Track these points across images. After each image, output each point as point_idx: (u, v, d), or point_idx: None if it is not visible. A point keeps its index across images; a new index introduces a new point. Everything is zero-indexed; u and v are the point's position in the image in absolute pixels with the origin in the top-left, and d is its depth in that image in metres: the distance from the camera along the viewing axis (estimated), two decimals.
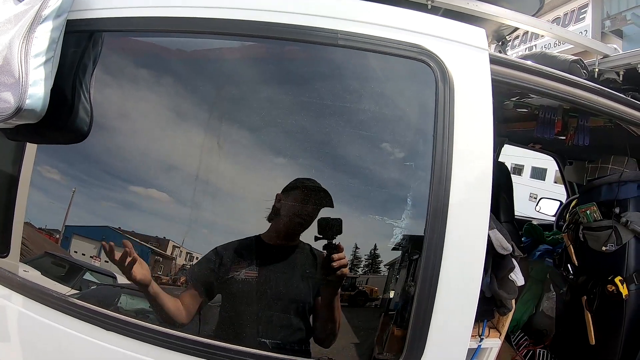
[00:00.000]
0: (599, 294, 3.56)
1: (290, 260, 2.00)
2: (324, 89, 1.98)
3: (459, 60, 1.91)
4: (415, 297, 1.81)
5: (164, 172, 2.04)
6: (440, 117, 1.85)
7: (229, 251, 1.94)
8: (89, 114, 1.80)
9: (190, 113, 2.05)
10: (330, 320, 1.93)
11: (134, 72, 2.11)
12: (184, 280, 1.99)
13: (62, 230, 2.00)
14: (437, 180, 1.82)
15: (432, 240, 1.80)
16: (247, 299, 1.93)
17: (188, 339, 1.83)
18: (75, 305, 1.90)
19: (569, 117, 3.40)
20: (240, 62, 2.07)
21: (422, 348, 1.81)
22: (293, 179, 1.89)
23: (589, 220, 3.69)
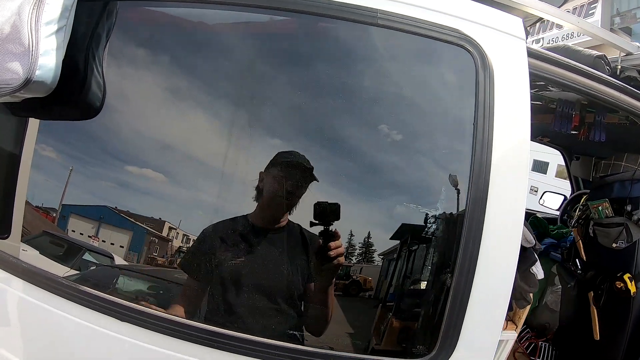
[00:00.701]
0: (606, 290, 3.55)
1: (278, 243, 1.90)
2: (358, 70, 1.92)
3: (498, 47, 1.85)
4: (451, 288, 1.74)
5: (164, 152, 1.96)
6: (481, 104, 1.78)
7: (215, 233, 1.84)
8: (101, 89, 1.66)
9: (211, 90, 1.95)
10: (322, 309, 1.85)
11: (149, 46, 1.99)
12: (163, 262, 1.94)
13: (59, 209, 1.93)
14: (477, 169, 1.76)
15: (471, 230, 1.73)
16: (234, 282, 1.83)
17: (177, 322, 1.74)
18: (74, 289, 1.81)
19: (587, 112, 3.35)
20: (271, 39, 1.99)
21: (455, 340, 1.74)
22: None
23: (600, 217, 3.66)
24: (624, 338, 3.43)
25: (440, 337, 1.74)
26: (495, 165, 1.76)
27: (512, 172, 1.80)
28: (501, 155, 1.77)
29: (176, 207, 1.93)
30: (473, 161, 1.76)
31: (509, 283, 1.79)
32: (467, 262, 1.73)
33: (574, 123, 3.30)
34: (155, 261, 1.95)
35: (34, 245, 2.00)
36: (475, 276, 1.73)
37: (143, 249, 1.96)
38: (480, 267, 1.74)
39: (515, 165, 1.81)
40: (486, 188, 1.75)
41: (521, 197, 1.81)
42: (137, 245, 1.94)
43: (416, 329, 1.88)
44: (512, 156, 1.81)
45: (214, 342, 1.70)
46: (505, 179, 1.78)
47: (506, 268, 1.79)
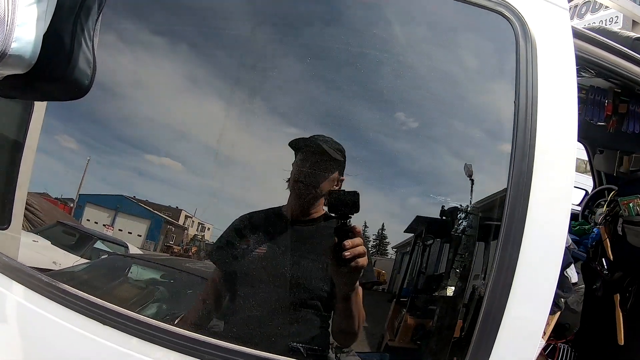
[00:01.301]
0: (634, 293, 3.42)
1: (307, 237, 1.68)
2: (386, 36, 1.74)
3: (539, 16, 1.66)
4: (488, 289, 1.51)
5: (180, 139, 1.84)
6: (523, 77, 1.59)
7: (247, 223, 1.66)
8: (91, 65, 1.44)
9: (215, 70, 1.83)
10: (347, 319, 1.56)
11: (149, 21, 1.84)
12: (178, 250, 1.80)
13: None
14: (519, 155, 1.53)
15: (512, 221, 1.51)
16: (253, 277, 1.66)
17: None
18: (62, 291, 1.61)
19: (620, 102, 3.12)
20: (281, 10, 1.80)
21: (489, 352, 1.50)
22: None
23: (631, 214, 3.49)
24: None
25: (471, 350, 1.51)
26: (539, 150, 1.54)
27: (558, 157, 1.59)
28: (547, 137, 1.56)
29: (192, 196, 1.81)
30: (515, 145, 1.54)
31: (552, 287, 1.56)
32: (506, 266, 1.50)
33: (606, 112, 3.10)
34: (171, 250, 1.84)
35: (46, 235, 1.92)
36: (514, 282, 1.50)
37: (160, 238, 1.88)
38: (519, 271, 1.50)
39: (562, 150, 1.61)
40: (529, 177, 1.52)
41: (568, 187, 1.61)
42: (154, 234, 1.88)
43: (441, 345, 1.69)
44: (559, 139, 1.60)
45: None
46: (550, 166, 1.56)
47: (550, 269, 1.57)
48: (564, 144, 1.61)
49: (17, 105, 1.85)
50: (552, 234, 1.56)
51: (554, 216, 1.57)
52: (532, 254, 1.51)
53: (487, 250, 1.63)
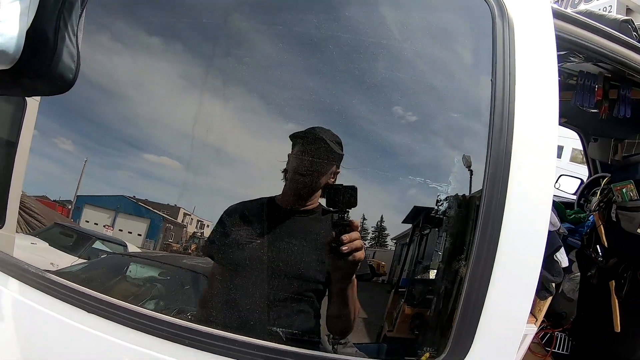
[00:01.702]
0: (629, 279, 3.40)
1: (304, 226, 1.66)
2: (358, 19, 1.69)
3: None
4: (466, 278, 1.48)
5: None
6: (500, 58, 1.55)
7: (237, 213, 1.64)
8: (75, 60, 1.45)
9: (211, 67, 1.80)
10: (342, 310, 1.59)
11: (133, 16, 1.85)
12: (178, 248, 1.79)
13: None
14: (497, 134, 1.50)
15: (490, 206, 1.47)
16: (246, 268, 1.61)
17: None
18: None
19: (610, 87, 3.10)
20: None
21: (470, 340, 1.47)
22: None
23: (624, 199, 3.44)
24: None
25: (452, 337, 1.48)
26: (518, 130, 1.51)
27: (538, 138, 1.55)
28: (526, 117, 1.53)
29: (191, 194, 1.81)
30: (492, 125, 1.51)
31: (536, 271, 1.52)
32: (486, 247, 1.47)
33: (596, 97, 3.06)
34: (171, 247, 1.83)
35: (44, 237, 1.92)
36: (495, 264, 1.47)
37: (159, 236, 1.86)
38: (500, 253, 1.47)
39: (542, 130, 1.56)
40: (508, 156, 1.49)
41: (550, 167, 1.55)
42: (154, 233, 1.85)
43: (425, 328, 1.66)
44: (539, 120, 1.56)
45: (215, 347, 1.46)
46: (530, 146, 1.53)
47: (532, 253, 1.53)
48: (545, 124, 1.56)
49: (9, 104, 1.87)
50: (534, 215, 1.53)
51: (535, 198, 1.53)
52: (512, 237, 1.48)
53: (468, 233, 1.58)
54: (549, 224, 2.09)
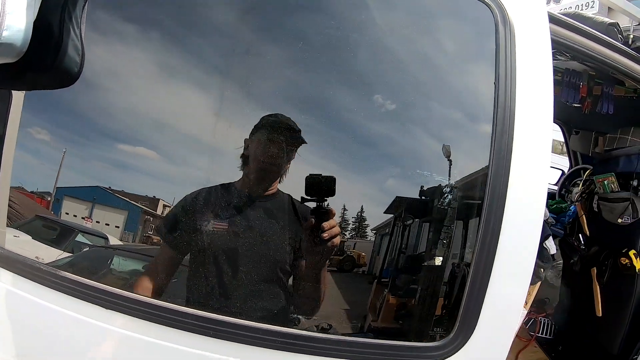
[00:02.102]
0: (610, 266, 3.44)
1: (266, 211, 1.70)
2: (367, 23, 1.74)
3: (518, 2, 1.71)
4: (472, 264, 1.58)
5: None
6: (502, 60, 1.63)
7: (198, 199, 1.67)
8: (79, 53, 1.42)
9: (188, 57, 1.81)
10: (314, 290, 1.68)
11: (120, 7, 1.81)
12: (158, 240, 1.80)
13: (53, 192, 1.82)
14: (499, 132, 1.59)
15: (494, 197, 1.57)
16: (215, 253, 1.65)
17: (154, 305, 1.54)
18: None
19: (594, 84, 3.19)
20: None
21: (475, 321, 1.57)
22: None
23: (605, 191, 3.56)
24: (627, 315, 3.33)
25: (460, 317, 1.58)
26: (518, 130, 1.60)
27: (535, 135, 1.65)
28: (524, 113, 1.62)
29: (169, 184, 1.81)
30: (495, 125, 1.60)
31: (532, 258, 1.64)
32: (489, 236, 1.56)
33: (581, 93, 3.17)
34: (151, 240, 1.85)
35: (26, 230, 1.92)
36: (497, 256, 1.57)
37: (138, 228, 1.88)
38: (502, 241, 1.57)
39: (539, 128, 1.66)
40: (509, 153, 1.59)
41: (545, 162, 1.66)
42: (132, 225, 1.85)
43: (434, 309, 1.74)
44: (537, 119, 1.66)
45: (194, 327, 1.50)
46: (528, 143, 1.62)
47: (529, 241, 1.63)
48: (541, 123, 1.65)
49: None
50: (531, 208, 1.62)
51: (533, 191, 1.62)
52: (513, 228, 1.57)
53: (467, 227, 1.69)
54: None
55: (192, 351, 1.48)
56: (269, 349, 1.50)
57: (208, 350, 1.48)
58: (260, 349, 1.49)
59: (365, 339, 1.65)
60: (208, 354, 1.48)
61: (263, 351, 1.50)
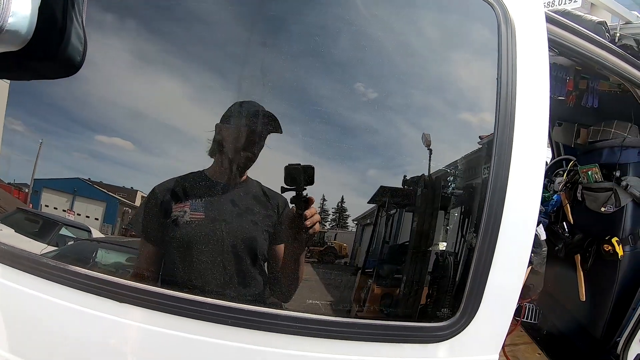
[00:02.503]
0: (594, 253, 3.55)
1: (237, 198, 1.73)
2: (373, 21, 1.79)
3: (518, 3, 1.78)
4: (475, 250, 1.66)
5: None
6: (504, 57, 1.71)
7: (168, 190, 1.69)
8: (82, 41, 1.40)
9: (167, 45, 1.80)
10: (292, 275, 1.72)
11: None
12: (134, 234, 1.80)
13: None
14: (502, 126, 1.68)
15: (496, 188, 1.66)
16: (190, 241, 1.67)
17: (137, 289, 1.59)
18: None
19: (581, 78, 3.30)
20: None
21: (478, 301, 1.67)
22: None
23: (589, 181, 3.66)
24: (609, 300, 3.44)
25: (464, 300, 1.67)
26: (518, 123, 1.69)
27: (534, 127, 1.74)
28: (524, 108, 1.70)
29: (148, 176, 1.79)
30: (497, 118, 1.68)
31: (529, 244, 1.74)
32: (492, 224, 1.65)
33: (567, 88, 3.26)
34: (129, 232, 1.86)
35: (8, 223, 1.87)
36: (497, 245, 1.66)
37: (117, 220, 1.87)
38: (503, 228, 1.66)
39: (537, 120, 1.76)
40: (510, 146, 1.67)
41: (542, 152, 1.76)
42: (111, 217, 1.85)
43: (440, 292, 1.80)
44: (534, 112, 1.75)
45: (173, 308, 1.55)
46: (527, 136, 1.71)
47: (527, 228, 1.73)
48: (539, 116, 1.75)
49: None
50: (529, 200, 1.72)
51: (531, 183, 1.71)
52: (513, 216, 1.67)
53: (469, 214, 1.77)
54: None
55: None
56: (260, 331, 1.57)
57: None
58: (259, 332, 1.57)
59: (381, 321, 1.73)
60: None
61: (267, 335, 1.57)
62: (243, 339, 1.55)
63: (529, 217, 1.73)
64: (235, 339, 1.55)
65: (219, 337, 1.55)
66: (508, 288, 1.73)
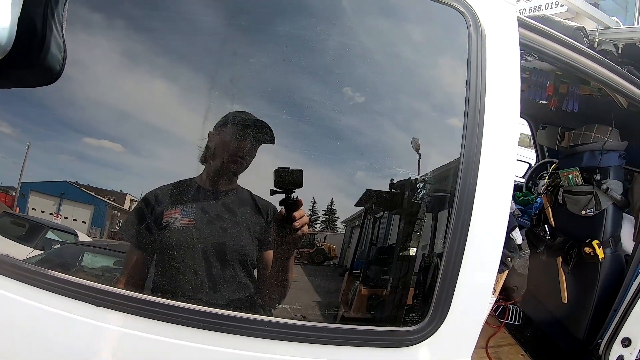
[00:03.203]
0: (575, 255, 3.56)
1: (227, 206, 1.74)
2: (344, 28, 1.79)
3: (489, 10, 1.78)
4: (444, 254, 1.67)
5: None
6: (473, 67, 1.71)
7: (159, 197, 1.68)
8: (62, 50, 1.41)
9: (154, 46, 1.78)
10: (282, 279, 1.72)
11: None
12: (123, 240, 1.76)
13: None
14: (470, 133, 1.68)
15: (464, 193, 1.66)
16: (180, 250, 1.66)
17: (124, 296, 1.56)
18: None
19: (561, 83, 3.31)
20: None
21: (447, 307, 1.67)
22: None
23: (570, 184, 3.67)
24: (591, 301, 3.46)
25: (433, 304, 1.67)
26: (487, 129, 1.69)
27: (503, 134, 1.74)
28: (493, 115, 1.70)
29: (137, 178, 1.77)
30: (466, 124, 1.68)
31: (499, 247, 1.74)
32: (460, 228, 1.66)
33: (547, 92, 3.28)
34: (117, 236, 1.80)
35: None
36: (467, 245, 1.67)
37: (105, 224, 1.81)
38: (472, 231, 1.66)
39: (507, 127, 1.75)
40: (479, 152, 1.68)
41: (512, 159, 1.76)
42: (99, 220, 1.79)
43: (409, 297, 1.78)
44: (504, 119, 1.75)
45: (162, 315, 1.55)
46: (497, 142, 1.71)
47: (497, 232, 1.73)
48: (508, 122, 1.74)
49: None
50: (499, 201, 1.72)
51: (500, 185, 1.72)
52: (481, 220, 1.67)
53: (438, 219, 1.77)
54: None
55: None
56: (247, 337, 1.57)
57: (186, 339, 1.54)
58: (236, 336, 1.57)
59: (348, 326, 1.73)
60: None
61: (240, 339, 1.57)
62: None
63: (498, 221, 1.73)
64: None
65: (206, 344, 1.55)
66: (478, 292, 1.74)
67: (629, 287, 3.21)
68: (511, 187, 1.75)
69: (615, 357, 3.14)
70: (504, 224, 1.73)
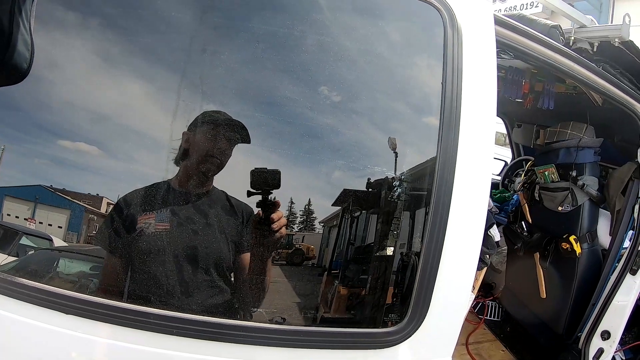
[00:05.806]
0: (552, 251, 3.57)
1: (202, 208, 1.69)
2: (320, 24, 1.74)
3: (466, 7, 1.76)
4: (421, 253, 1.63)
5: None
6: (450, 65, 1.68)
7: (132, 202, 1.62)
8: (29, 48, 1.33)
9: (131, 47, 1.73)
10: (260, 281, 1.67)
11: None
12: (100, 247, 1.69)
13: None
14: (446, 130, 1.65)
15: (441, 191, 1.63)
16: (157, 253, 1.61)
17: (95, 303, 1.50)
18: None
19: (536, 81, 3.31)
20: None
21: (427, 306, 1.63)
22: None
23: (546, 181, 3.66)
24: (569, 296, 3.47)
25: (412, 303, 1.63)
26: (463, 127, 1.66)
27: (480, 131, 1.71)
28: (469, 115, 1.68)
29: (114, 181, 1.70)
30: (442, 122, 1.65)
31: (477, 245, 1.71)
32: (438, 227, 1.62)
33: (523, 90, 3.27)
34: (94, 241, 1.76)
35: None
36: (445, 243, 1.63)
37: (82, 228, 1.77)
38: (450, 230, 1.63)
39: (483, 125, 1.73)
40: (455, 149, 1.64)
41: (489, 156, 1.74)
42: (75, 225, 1.75)
43: (389, 297, 1.75)
44: (480, 116, 1.72)
45: (138, 323, 1.49)
46: (473, 139, 1.68)
47: (475, 230, 1.71)
48: (485, 119, 1.72)
49: None
50: (476, 198, 1.69)
51: (477, 182, 1.69)
52: (459, 218, 1.64)
53: (415, 218, 1.73)
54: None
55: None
56: (223, 342, 1.52)
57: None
58: (213, 342, 1.51)
59: (327, 329, 1.70)
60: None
61: (218, 345, 1.52)
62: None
63: (476, 219, 1.71)
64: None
65: (181, 350, 1.50)
66: (457, 290, 1.70)
67: (606, 280, 3.23)
68: (489, 184, 1.73)
69: (594, 350, 3.15)
70: (482, 221, 1.70)
